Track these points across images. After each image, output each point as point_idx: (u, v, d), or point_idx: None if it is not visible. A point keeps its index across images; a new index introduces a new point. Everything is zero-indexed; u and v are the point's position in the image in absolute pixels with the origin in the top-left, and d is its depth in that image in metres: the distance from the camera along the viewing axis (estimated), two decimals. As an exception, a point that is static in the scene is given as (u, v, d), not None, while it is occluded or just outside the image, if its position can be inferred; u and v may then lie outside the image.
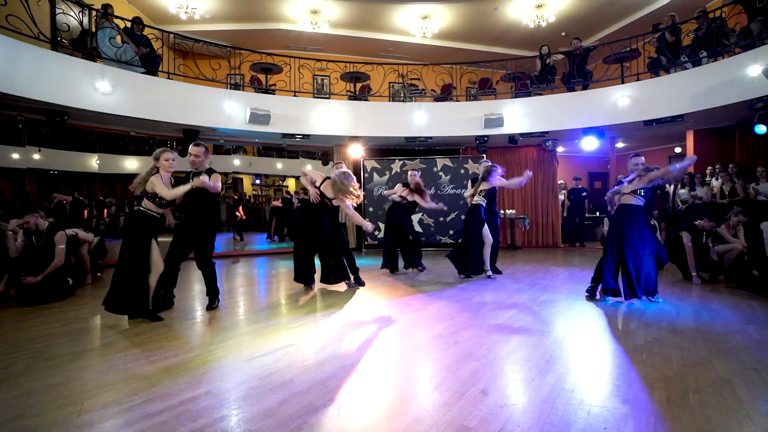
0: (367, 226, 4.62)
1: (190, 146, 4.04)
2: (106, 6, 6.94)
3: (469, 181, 6.10)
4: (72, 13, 6.53)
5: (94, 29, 6.79)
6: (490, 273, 5.78)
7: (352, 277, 5.24)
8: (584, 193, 10.41)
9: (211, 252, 4.14)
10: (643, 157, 4.26)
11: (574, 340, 3.12)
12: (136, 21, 7.16)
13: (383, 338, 3.24)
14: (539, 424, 1.90)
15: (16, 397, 2.21)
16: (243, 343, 3.09)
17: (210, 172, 3.98)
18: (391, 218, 6.24)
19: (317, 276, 5.18)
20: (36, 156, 8.15)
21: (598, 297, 4.38)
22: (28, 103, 6.01)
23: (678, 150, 11.08)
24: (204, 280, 4.15)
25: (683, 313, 3.88)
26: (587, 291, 4.52)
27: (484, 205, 5.66)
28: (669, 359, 2.70)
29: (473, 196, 5.67)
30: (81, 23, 6.64)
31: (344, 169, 4.96)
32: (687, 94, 7.04)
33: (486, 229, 5.62)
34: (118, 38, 6.89)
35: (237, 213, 10.62)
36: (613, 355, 2.80)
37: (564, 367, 2.58)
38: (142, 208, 3.77)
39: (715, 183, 7.68)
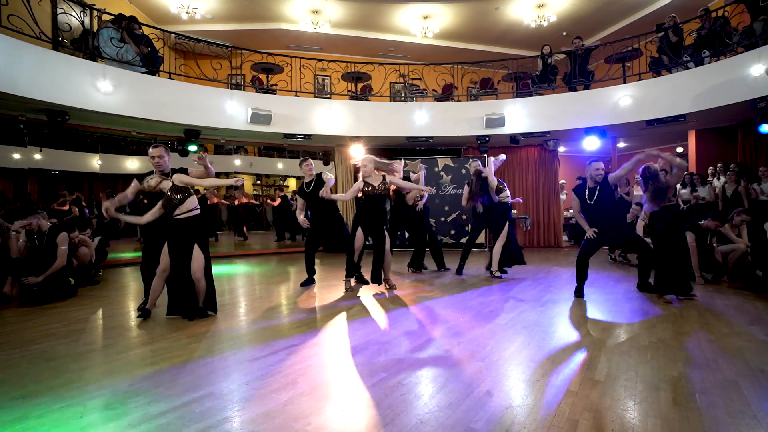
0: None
1: (150, 149, 3.88)
2: (122, 15, 6.95)
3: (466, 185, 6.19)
4: (73, 13, 6.52)
5: (95, 29, 6.78)
6: (498, 273, 5.79)
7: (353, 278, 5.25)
8: None
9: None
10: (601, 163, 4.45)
11: (578, 341, 3.11)
12: (132, 20, 7.13)
13: (386, 339, 3.22)
14: (545, 426, 1.89)
15: (18, 398, 2.20)
16: (245, 344, 3.07)
17: (181, 170, 3.92)
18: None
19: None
20: (37, 156, 8.15)
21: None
22: (30, 103, 6.00)
23: (680, 150, 11.05)
24: None
25: (687, 314, 3.86)
26: (577, 292, 4.55)
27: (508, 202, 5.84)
28: (674, 360, 2.68)
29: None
30: (82, 23, 6.63)
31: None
32: (689, 93, 7.02)
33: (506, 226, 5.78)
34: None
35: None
36: (617, 355, 2.78)
37: (569, 368, 2.57)
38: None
39: (717, 183, 7.66)
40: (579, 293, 4.52)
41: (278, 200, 11.05)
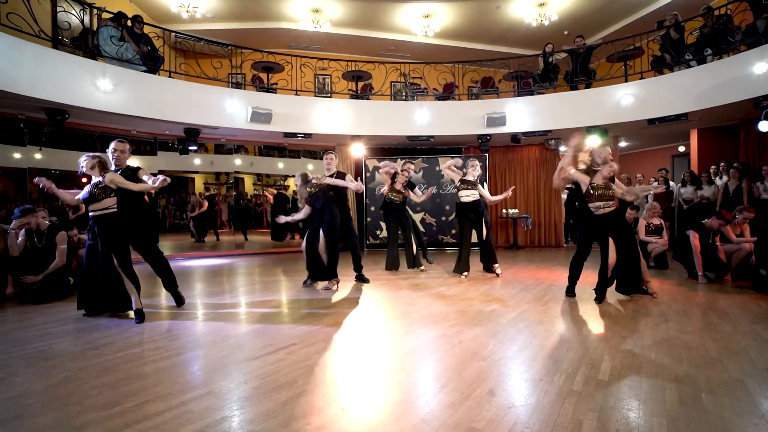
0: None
1: (115, 142, 3.86)
2: (122, 14, 6.93)
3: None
4: (73, 11, 6.50)
5: (95, 27, 6.76)
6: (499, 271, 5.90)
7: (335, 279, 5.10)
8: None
9: (153, 243, 4.09)
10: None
11: (581, 340, 3.07)
12: (137, 19, 7.12)
13: (387, 338, 3.19)
14: (548, 426, 1.86)
15: (14, 397, 2.18)
16: (244, 343, 3.05)
17: (137, 169, 3.91)
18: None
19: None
20: (37, 155, 8.13)
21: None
22: (29, 102, 5.98)
23: (682, 149, 11.03)
24: (158, 274, 4.10)
25: (691, 313, 3.83)
26: (569, 291, 4.55)
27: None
28: (679, 359, 2.65)
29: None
30: (82, 21, 6.61)
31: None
32: (691, 92, 6.98)
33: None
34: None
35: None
36: (621, 355, 2.75)
37: (572, 367, 2.53)
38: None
39: (719, 182, 7.62)
40: (570, 292, 4.54)
41: (271, 198, 11.09)
